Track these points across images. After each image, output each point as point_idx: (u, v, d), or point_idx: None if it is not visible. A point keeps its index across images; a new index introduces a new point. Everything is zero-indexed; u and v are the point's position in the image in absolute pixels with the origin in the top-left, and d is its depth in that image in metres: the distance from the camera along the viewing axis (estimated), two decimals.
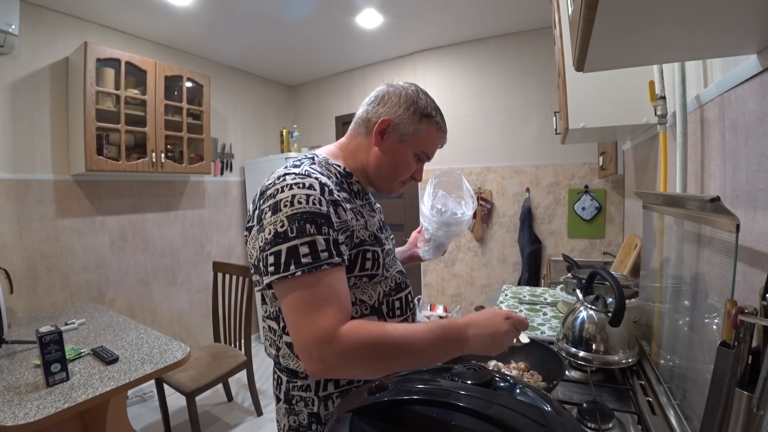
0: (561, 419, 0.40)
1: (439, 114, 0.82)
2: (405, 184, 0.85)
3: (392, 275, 0.81)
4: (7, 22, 1.86)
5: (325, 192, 0.66)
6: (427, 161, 0.85)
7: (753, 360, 0.49)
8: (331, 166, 0.79)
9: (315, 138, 3.81)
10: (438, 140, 0.83)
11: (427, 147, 0.81)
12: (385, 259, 0.78)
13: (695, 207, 0.73)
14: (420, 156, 0.81)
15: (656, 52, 0.70)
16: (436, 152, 0.85)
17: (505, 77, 2.90)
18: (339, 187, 0.74)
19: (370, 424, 0.43)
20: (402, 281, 0.83)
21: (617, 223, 2.60)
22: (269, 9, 2.35)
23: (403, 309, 0.81)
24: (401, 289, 0.82)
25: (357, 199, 0.80)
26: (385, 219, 0.92)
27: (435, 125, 0.81)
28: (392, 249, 0.87)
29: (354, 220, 0.72)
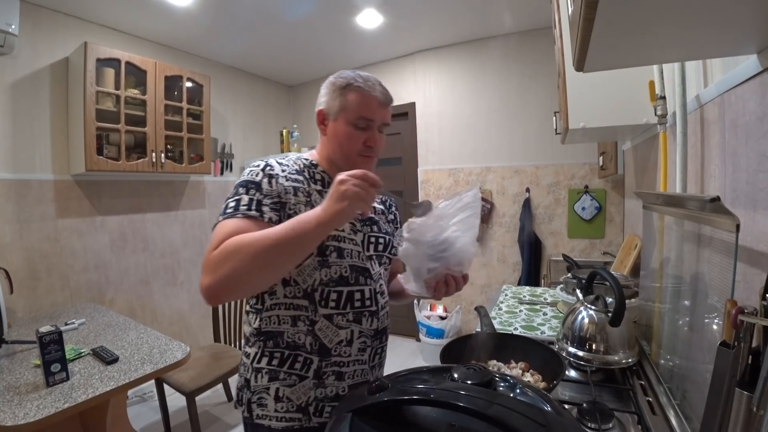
0: (561, 419, 0.40)
1: (362, 78, 0.84)
2: (368, 157, 0.86)
3: (339, 266, 0.81)
4: (7, 22, 1.86)
5: (266, 168, 0.80)
6: (377, 127, 0.84)
7: (753, 360, 0.49)
8: (300, 159, 0.89)
9: (315, 138, 3.79)
10: (369, 100, 0.82)
11: (360, 111, 0.82)
12: (326, 241, 0.79)
13: (695, 207, 0.73)
14: (358, 123, 0.82)
15: (656, 52, 0.69)
16: (384, 116, 0.85)
17: (505, 77, 2.90)
18: (298, 173, 0.84)
19: (370, 424, 0.43)
20: (353, 277, 0.83)
21: (617, 223, 2.60)
22: (269, 9, 2.35)
23: (340, 303, 0.81)
24: (347, 284, 0.82)
25: (316, 184, 0.85)
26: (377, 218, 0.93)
27: (356, 89, 0.82)
28: (361, 245, 0.86)
29: (291, 195, 0.79)
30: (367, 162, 0.86)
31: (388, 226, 0.97)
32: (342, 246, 0.82)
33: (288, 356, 0.80)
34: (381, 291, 0.88)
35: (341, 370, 0.82)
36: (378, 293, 0.87)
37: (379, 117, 0.84)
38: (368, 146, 0.84)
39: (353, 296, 0.82)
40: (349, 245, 0.83)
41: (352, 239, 0.85)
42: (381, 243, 0.90)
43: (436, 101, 3.18)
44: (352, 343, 0.83)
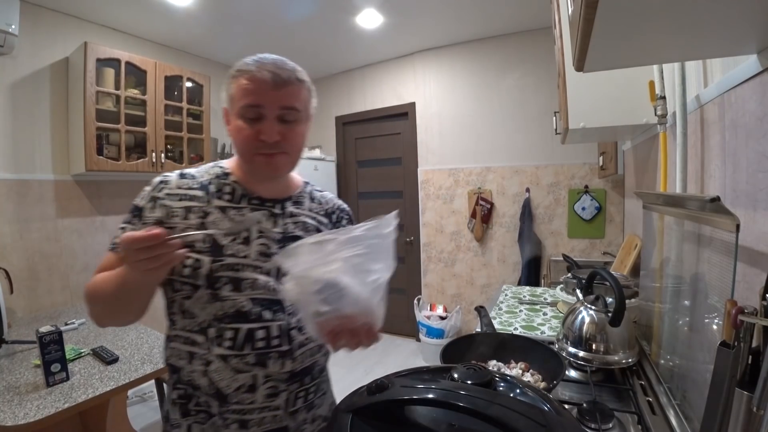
0: (561, 419, 0.40)
1: (253, 60, 0.72)
2: (268, 156, 0.71)
3: (235, 300, 0.68)
4: (7, 22, 1.86)
5: (157, 186, 0.73)
6: (275, 115, 0.69)
7: (753, 360, 0.49)
8: (215, 169, 0.78)
9: (315, 138, 3.81)
10: (255, 84, 0.68)
11: (246, 98, 0.69)
12: (216, 273, 0.68)
13: (695, 207, 0.73)
14: (247, 114, 0.69)
15: (656, 51, 0.70)
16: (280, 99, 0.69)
17: (505, 77, 2.90)
18: (202, 187, 0.74)
19: (370, 424, 0.43)
20: (254, 312, 0.69)
21: (617, 223, 2.60)
22: (269, 9, 2.35)
23: (236, 343, 0.67)
24: (246, 320, 0.68)
25: (221, 199, 0.73)
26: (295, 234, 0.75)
27: (241, 74, 0.70)
28: (275, 273, 0.71)
29: (179, 218, 0.70)
30: (269, 162, 0.71)
31: None
32: (240, 276, 0.69)
33: (190, 394, 0.71)
34: (299, 326, 0.73)
35: (244, 418, 0.69)
36: (293, 329, 0.72)
37: (270, 101, 0.68)
38: (262, 141, 0.69)
39: (254, 335, 0.68)
40: (252, 275, 0.69)
41: (258, 267, 0.70)
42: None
43: (436, 101, 3.18)
44: (255, 389, 0.68)
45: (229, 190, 0.75)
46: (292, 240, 0.73)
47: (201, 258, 0.68)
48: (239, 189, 0.76)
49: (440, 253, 3.23)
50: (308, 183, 0.88)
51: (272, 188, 0.78)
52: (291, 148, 0.73)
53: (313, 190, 0.86)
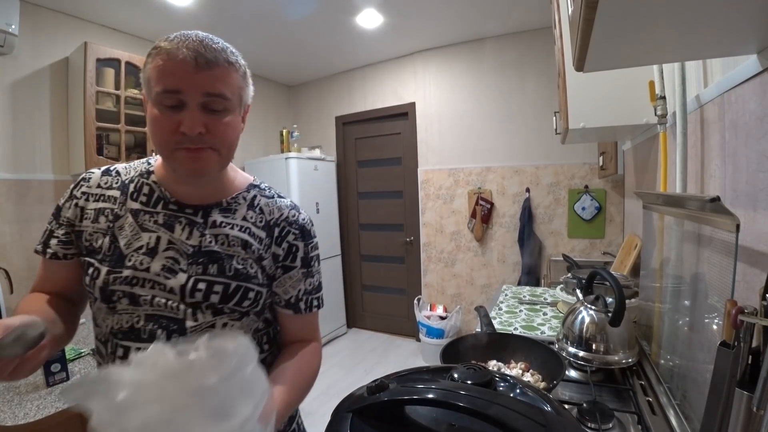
0: (561, 419, 0.40)
1: (173, 36, 0.59)
2: (192, 151, 0.59)
3: (131, 314, 0.62)
4: (7, 22, 1.86)
5: (78, 184, 0.69)
6: (199, 103, 0.58)
7: (753, 360, 0.49)
8: (144, 165, 0.71)
9: (315, 138, 3.81)
10: (172, 64, 0.56)
11: (159, 82, 0.57)
12: (110, 286, 0.61)
13: (695, 207, 0.73)
14: (164, 100, 0.58)
15: (656, 52, 0.70)
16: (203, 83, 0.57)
17: (505, 77, 2.90)
18: (121, 186, 0.67)
19: (370, 424, 0.43)
20: (146, 330, 0.61)
21: (617, 223, 2.60)
22: (269, 9, 2.35)
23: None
24: (138, 339, 0.61)
25: (136, 201, 0.66)
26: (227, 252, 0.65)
27: (153, 53, 0.58)
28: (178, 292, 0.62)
29: (89, 221, 0.65)
30: (193, 159, 0.59)
31: (253, 264, 0.66)
32: (137, 292, 0.61)
33: None
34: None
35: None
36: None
37: (191, 86, 0.57)
38: (182, 133, 0.57)
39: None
40: (151, 291, 0.61)
41: (160, 284, 0.62)
42: (216, 293, 0.63)
43: (436, 101, 3.18)
44: None
45: (147, 191, 0.67)
46: (206, 256, 0.64)
47: (99, 268, 0.62)
48: (157, 190, 0.67)
49: (440, 253, 3.23)
50: (257, 185, 0.75)
51: (198, 191, 0.67)
52: (219, 142, 0.61)
53: (259, 194, 0.73)
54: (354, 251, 3.71)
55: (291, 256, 0.71)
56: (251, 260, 0.67)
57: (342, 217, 3.68)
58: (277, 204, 0.73)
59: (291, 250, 0.71)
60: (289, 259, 0.70)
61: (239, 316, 0.66)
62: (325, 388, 2.63)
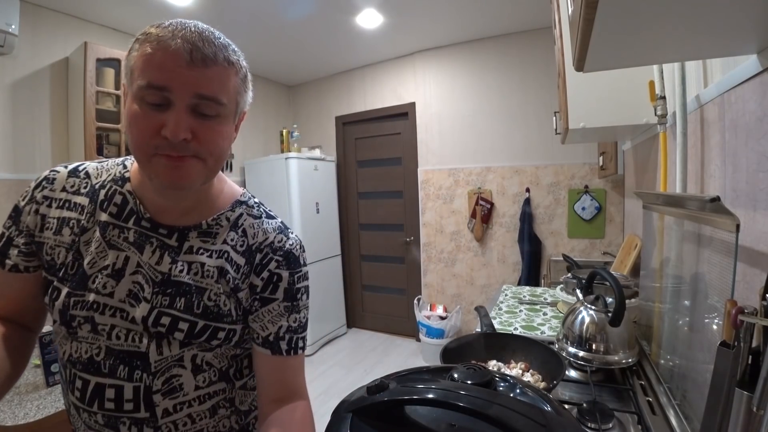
0: (561, 419, 0.40)
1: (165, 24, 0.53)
2: (174, 159, 0.51)
3: (91, 344, 0.54)
4: (7, 22, 1.86)
5: (41, 184, 0.60)
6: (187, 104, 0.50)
7: (753, 360, 0.49)
8: (117, 166, 0.62)
9: (315, 138, 3.81)
10: (161, 56, 0.49)
11: (144, 74, 0.49)
12: (70, 310, 0.54)
13: (695, 207, 0.73)
14: (142, 94, 0.49)
15: (656, 52, 0.69)
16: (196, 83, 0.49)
17: (505, 77, 2.90)
18: (91, 192, 0.58)
19: (370, 424, 0.43)
20: (106, 364, 0.54)
21: (617, 223, 2.60)
22: (269, 9, 2.35)
23: (85, 397, 0.54)
24: (97, 372, 0.54)
25: (105, 212, 0.57)
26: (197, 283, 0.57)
27: (142, 39, 0.51)
28: (141, 323, 0.55)
29: (51, 232, 0.56)
30: (173, 168, 0.51)
31: (226, 300, 0.59)
32: (97, 320, 0.54)
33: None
34: (168, 389, 0.56)
35: None
36: (158, 392, 0.55)
37: (181, 84, 0.49)
38: (163, 137, 0.49)
39: (103, 392, 0.54)
40: (111, 320, 0.54)
41: (123, 312, 0.54)
42: (181, 330, 0.56)
43: (436, 101, 3.18)
44: None
45: (119, 202, 0.58)
46: (174, 287, 0.56)
47: (59, 288, 0.55)
48: (131, 202, 0.58)
49: (440, 253, 3.23)
50: (244, 202, 0.65)
51: (178, 205, 0.58)
52: (206, 151, 0.52)
53: (246, 213, 0.64)
54: (354, 251, 3.71)
55: (271, 287, 0.61)
56: (224, 295, 0.58)
57: (342, 217, 3.68)
58: (263, 226, 0.63)
59: (272, 280, 0.61)
60: (269, 290, 0.61)
61: (210, 348, 0.59)
62: (325, 388, 2.63)
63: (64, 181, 0.59)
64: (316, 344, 3.22)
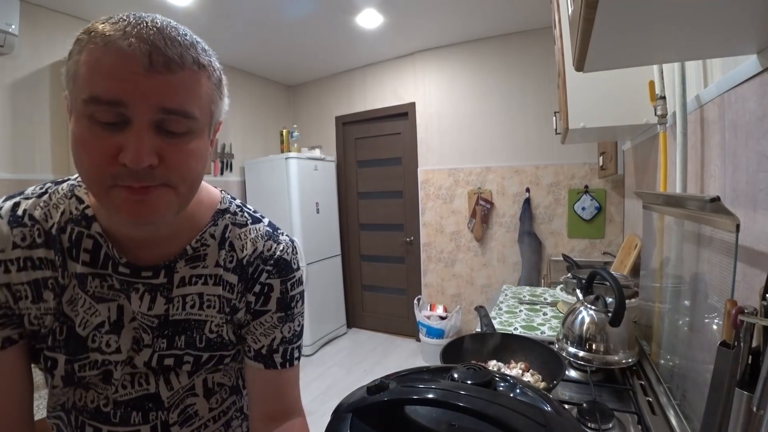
0: (561, 419, 0.40)
1: (116, 20, 0.41)
2: (132, 192, 0.41)
3: (99, 394, 0.52)
4: (7, 22, 1.86)
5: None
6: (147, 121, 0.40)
7: (753, 360, 0.49)
8: (68, 200, 0.50)
9: (315, 138, 3.81)
10: (104, 55, 0.38)
11: (92, 85, 0.38)
12: (75, 375, 0.50)
13: (695, 207, 0.73)
14: (90, 111, 0.39)
15: (656, 52, 0.69)
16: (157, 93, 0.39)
17: (505, 77, 2.90)
18: (48, 242, 0.48)
19: (370, 424, 0.43)
20: (116, 414, 0.52)
21: (617, 223, 2.60)
22: (269, 9, 2.35)
23: None
24: (107, 422, 0.52)
25: (77, 260, 0.48)
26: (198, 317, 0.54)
27: (87, 39, 0.40)
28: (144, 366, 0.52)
29: (29, 301, 0.47)
30: (138, 204, 0.42)
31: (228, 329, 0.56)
32: (114, 375, 0.51)
33: None
34: (184, 418, 0.55)
35: None
36: (175, 424, 0.54)
37: (140, 97, 0.39)
38: (123, 164, 0.39)
39: None
40: (121, 371, 0.51)
41: (123, 363, 0.51)
42: (187, 362, 0.54)
43: (436, 101, 3.18)
44: None
45: (90, 247, 0.49)
46: (172, 327, 0.52)
47: (54, 357, 0.49)
48: (103, 246, 0.49)
49: (440, 253, 3.23)
50: (226, 209, 0.58)
51: (153, 240, 0.50)
52: (177, 178, 0.43)
53: (230, 224, 0.57)
54: (354, 251, 3.71)
55: (263, 299, 0.56)
56: (226, 324, 0.55)
57: (342, 217, 3.68)
58: (251, 236, 0.57)
59: (263, 291, 0.56)
60: (261, 302, 0.56)
61: (218, 370, 0.58)
62: (325, 388, 2.63)
63: (10, 235, 0.47)
64: (316, 344, 3.22)
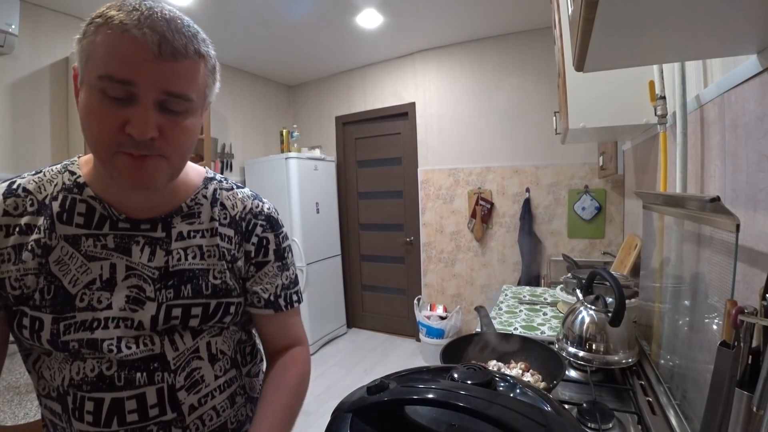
0: (561, 419, 0.40)
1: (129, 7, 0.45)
2: (134, 159, 0.48)
3: (99, 359, 0.51)
4: (7, 22, 1.86)
5: None
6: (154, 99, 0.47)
7: (753, 360, 0.49)
8: (64, 174, 0.57)
9: (315, 138, 3.81)
10: (124, 44, 0.44)
11: (106, 65, 0.45)
12: (62, 337, 0.50)
13: (695, 207, 0.73)
14: (102, 86, 0.45)
15: (656, 52, 0.69)
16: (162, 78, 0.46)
17: (505, 77, 2.90)
18: (40, 209, 0.52)
19: (370, 424, 0.43)
20: (121, 376, 0.51)
21: (617, 223, 2.60)
22: (269, 9, 2.35)
23: (100, 418, 0.51)
24: (111, 388, 0.51)
25: (71, 223, 0.52)
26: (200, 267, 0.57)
27: (102, 23, 0.45)
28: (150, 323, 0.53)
29: (11, 263, 0.50)
30: (138, 168, 0.48)
31: (231, 276, 0.60)
32: (99, 337, 0.51)
33: None
34: (191, 383, 0.55)
35: None
36: (182, 389, 0.54)
37: (148, 79, 0.45)
38: (128, 135, 0.46)
39: (123, 406, 0.51)
40: (115, 332, 0.51)
41: (127, 321, 0.52)
42: (196, 316, 0.56)
43: (436, 101, 3.18)
44: None
45: (84, 210, 0.53)
46: (176, 277, 0.55)
47: (40, 317, 0.50)
48: (98, 207, 0.54)
49: (440, 253, 3.23)
50: (212, 177, 0.66)
51: (149, 198, 0.56)
52: (172, 149, 0.50)
53: (218, 187, 0.64)
54: (354, 251, 3.71)
55: (263, 251, 0.64)
56: (227, 270, 0.60)
57: (342, 217, 3.68)
58: (239, 196, 0.65)
59: (262, 244, 0.64)
60: (261, 254, 0.64)
61: (219, 331, 0.60)
62: (325, 388, 2.63)
63: (3, 204, 0.52)
64: (316, 344, 3.22)
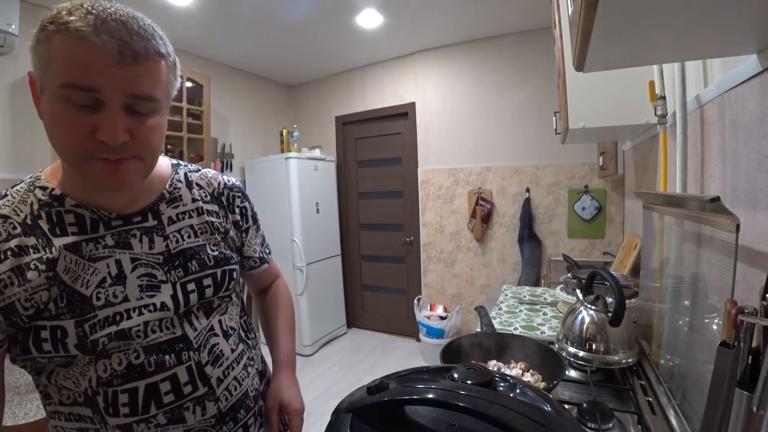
0: (561, 419, 0.40)
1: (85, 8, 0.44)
2: (108, 163, 0.49)
3: (125, 351, 0.53)
4: (7, 22, 1.86)
5: None
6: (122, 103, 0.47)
7: (753, 360, 0.49)
8: (34, 189, 0.55)
9: (315, 138, 3.81)
10: (84, 50, 0.44)
11: (67, 74, 0.44)
12: (90, 337, 0.51)
13: (695, 207, 0.73)
14: (67, 95, 0.45)
15: (656, 52, 0.70)
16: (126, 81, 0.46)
17: (505, 77, 2.90)
18: (26, 230, 0.51)
19: (370, 424, 0.43)
20: (151, 362, 0.54)
21: (617, 223, 2.60)
22: (269, 9, 2.35)
23: (137, 407, 0.53)
24: (143, 375, 0.53)
25: (62, 234, 0.53)
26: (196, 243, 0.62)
27: (56, 30, 0.44)
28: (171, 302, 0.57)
29: (16, 286, 0.49)
30: (113, 171, 0.49)
31: (219, 244, 0.65)
32: (126, 326, 0.53)
33: None
34: (214, 358, 0.60)
35: None
36: (207, 364, 0.58)
37: (113, 85, 0.45)
38: (100, 141, 0.46)
39: (158, 390, 0.54)
40: (140, 318, 0.54)
41: (148, 306, 0.55)
42: (209, 286, 0.61)
43: (436, 101, 3.18)
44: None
45: (73, 220, 0.54)
46: (180, 257, 0.59)
47: (62, 325, 0.50)
48: (87, 213, 0.54)
49: (440, 253, 3.23)
50: (178, 164, 0.68)
51: (129, 194, 0.57)
52: (146, 150, 0.51)
53: (188, 171, 0.68)
54: (354, 251, 3.71)
55: (245, 218, 0.73)
56: (222, 242, 0.66)
57: (342, 217, 3.68)
58: (208, 175, 0.70)
59: (243, 213, 0.72)
60: (244, 221, 0.73)
61: (225, 307, 0.66)
62: (325, 388, 2.63)
63: None
64: (316, 344, 3.22)
